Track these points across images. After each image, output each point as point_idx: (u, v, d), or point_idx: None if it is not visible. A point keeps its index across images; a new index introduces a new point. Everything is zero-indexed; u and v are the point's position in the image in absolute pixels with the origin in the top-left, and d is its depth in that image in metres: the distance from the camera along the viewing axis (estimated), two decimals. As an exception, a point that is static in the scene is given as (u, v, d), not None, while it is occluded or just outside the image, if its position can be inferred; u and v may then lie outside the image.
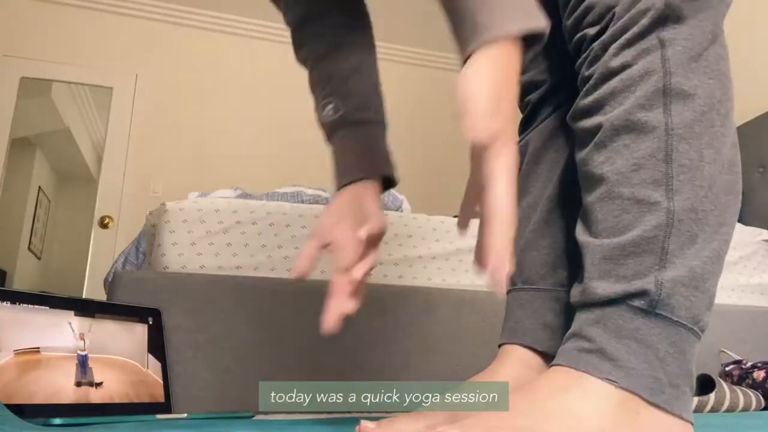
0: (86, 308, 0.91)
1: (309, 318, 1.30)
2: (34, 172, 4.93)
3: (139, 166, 3.66)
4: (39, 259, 5.15)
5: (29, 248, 4.90)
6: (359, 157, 0.71)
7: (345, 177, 0.70)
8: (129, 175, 3.65)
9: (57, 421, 0.68)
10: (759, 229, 1.99)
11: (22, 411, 0.70)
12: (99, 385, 0.86)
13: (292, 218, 1.38)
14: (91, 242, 3.62)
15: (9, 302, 0.79)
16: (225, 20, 3.96)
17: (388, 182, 0.73)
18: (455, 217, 1.78)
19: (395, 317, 1.35)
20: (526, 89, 0.77)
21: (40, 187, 5.08)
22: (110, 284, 1.23)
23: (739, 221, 2.23)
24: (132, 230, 3.53)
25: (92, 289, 3.51)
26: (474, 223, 1.70)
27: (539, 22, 0.48)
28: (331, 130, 0.74)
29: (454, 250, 1.48)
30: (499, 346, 0.69)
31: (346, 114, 0.72)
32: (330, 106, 0.73)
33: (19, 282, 4.56)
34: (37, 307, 0.82)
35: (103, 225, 3.59)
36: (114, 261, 2.05)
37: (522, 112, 0.78)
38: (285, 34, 0.83)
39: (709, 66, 0.51)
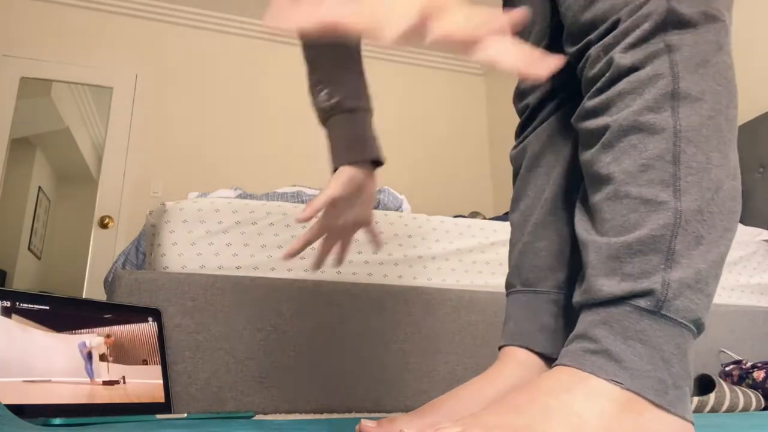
0: (87, 309, 0.91)
1: (309, 318, 1.30)
2: (34, 172, 4.93)
3: (139, 166, 3.66)
4: (39, 259, 5.15)
5: (29, 248, 4.91)
6: (355, 142, 0.79)
7: (342, 159, 0.78)
8: (129, 175, 3.65)
9: (57, 421, 0.68)
10: (759, 229, 1.99)
11: (22, 411, 0.70)
12: (99, 384, 0.86)
13: (292, 218, 1.38)
14: (91, 242, 3.62)
15: (9, 302, 0.79)
16: (225, 20, 3.96)
17: (376, 163, 0.82)
18: (455, 216, 1.78)
19: (395, 317, 1.35)
20: (525, 93, 0.77)
21: (40, 187, 5.08)
22: (110, 284, 1.23)
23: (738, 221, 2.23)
24: (132, 230, 3.53)
25: (92, 289, 3.51)
26: (474, 223, 1.70)
27: None
28: (326, 114, 0.81)
29: (454, 250, 1.48)
30: (500, 348, 0.69)
31: (340, 101, 0.79)
32: (324, 92, 0.80)
33: (19, 282, 4.56)
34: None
35: (103, 225, 3.59)
36: (114, 261, 2.05)
37: (520, 116, 0.79)
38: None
39: (718, 73, 0.51)
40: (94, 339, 0.90)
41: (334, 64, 0.80)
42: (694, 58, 0.51)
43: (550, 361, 0.65)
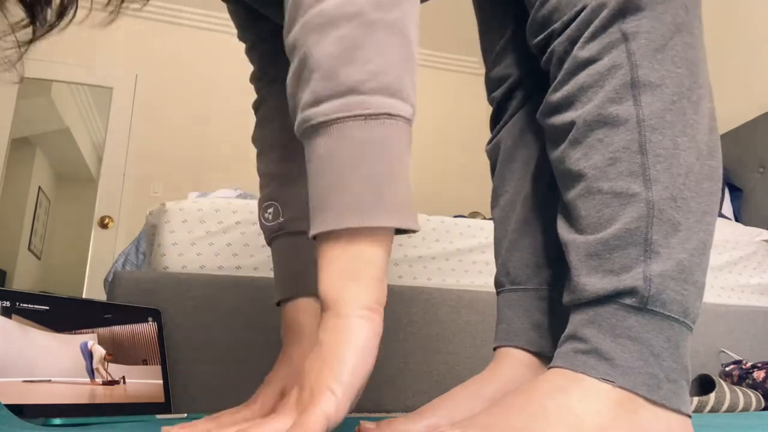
0: (87, 309, 0.91)
1: (309, 318, 1.30)
2: (34, 172, 4.93)
3: (139, 166, 3.66)
4: (39, 259, 5.16)
5: (29, 248, 4.91)
6: (299, 273, 0.73)
7: (286, 292, 0.74)
8: (129, 175, 3.65)
9: (57, 421, 0.68)
10: (759, 229, 1.99)
11: (22, 411, 0.70)
12: (99, 384, 0.86)
13: (292, 218, 1.38)
14: (91, 242, 3.62)
15: (9, 302, 0.79)
16: (225, 20, 3.96)
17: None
18: (455, 217, 1.78)
19: (395, 317, 1.35)
20: (491, 86, 0.77)
21: (40, 187, 5.08)
22: (110, 284, 1.23)
23: (738, 221, 2.23)
24: (132, 230, 3.53)
25: (92, 289, 3.51)
26: (474, 223, 1.70)
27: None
28: (271, 235, 0.76)
29: (454, 250, 1.48)
30: (495, 349, 0.69)
31: (286, 222, 0.74)
32: (270, 210, 0.75)
33: (19, 282, 4.56)
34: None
35: (103, 225, 3.59)
36: (114, 261, 2.05)
37: (491, 106, 0.79)
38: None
39: (677, 55, 0.51)
40: (96, 350, 0.90)
41: (284, 180, 0.76)
42: (652, 44, 0.50)
43: (545, 358, 0.65)
